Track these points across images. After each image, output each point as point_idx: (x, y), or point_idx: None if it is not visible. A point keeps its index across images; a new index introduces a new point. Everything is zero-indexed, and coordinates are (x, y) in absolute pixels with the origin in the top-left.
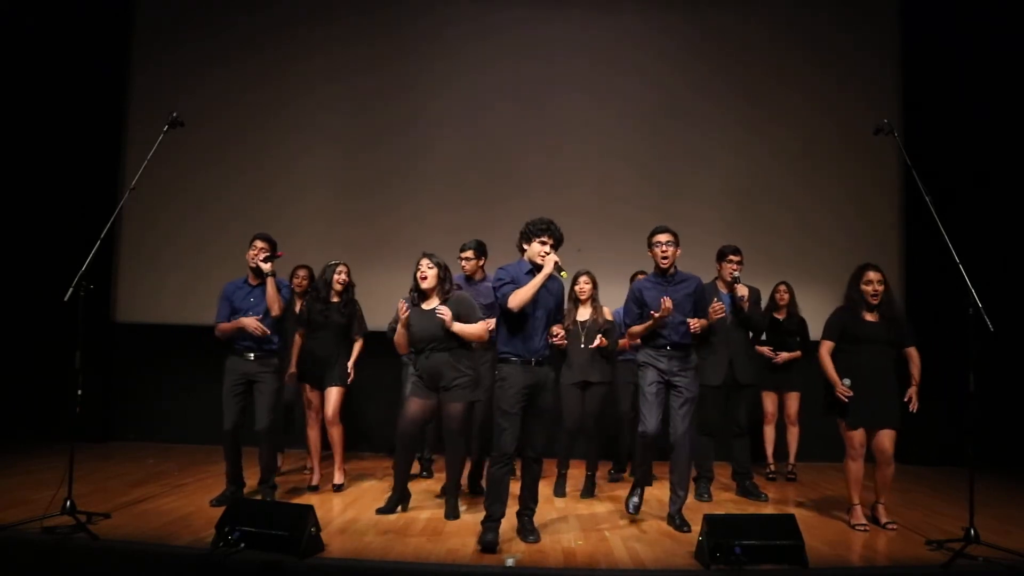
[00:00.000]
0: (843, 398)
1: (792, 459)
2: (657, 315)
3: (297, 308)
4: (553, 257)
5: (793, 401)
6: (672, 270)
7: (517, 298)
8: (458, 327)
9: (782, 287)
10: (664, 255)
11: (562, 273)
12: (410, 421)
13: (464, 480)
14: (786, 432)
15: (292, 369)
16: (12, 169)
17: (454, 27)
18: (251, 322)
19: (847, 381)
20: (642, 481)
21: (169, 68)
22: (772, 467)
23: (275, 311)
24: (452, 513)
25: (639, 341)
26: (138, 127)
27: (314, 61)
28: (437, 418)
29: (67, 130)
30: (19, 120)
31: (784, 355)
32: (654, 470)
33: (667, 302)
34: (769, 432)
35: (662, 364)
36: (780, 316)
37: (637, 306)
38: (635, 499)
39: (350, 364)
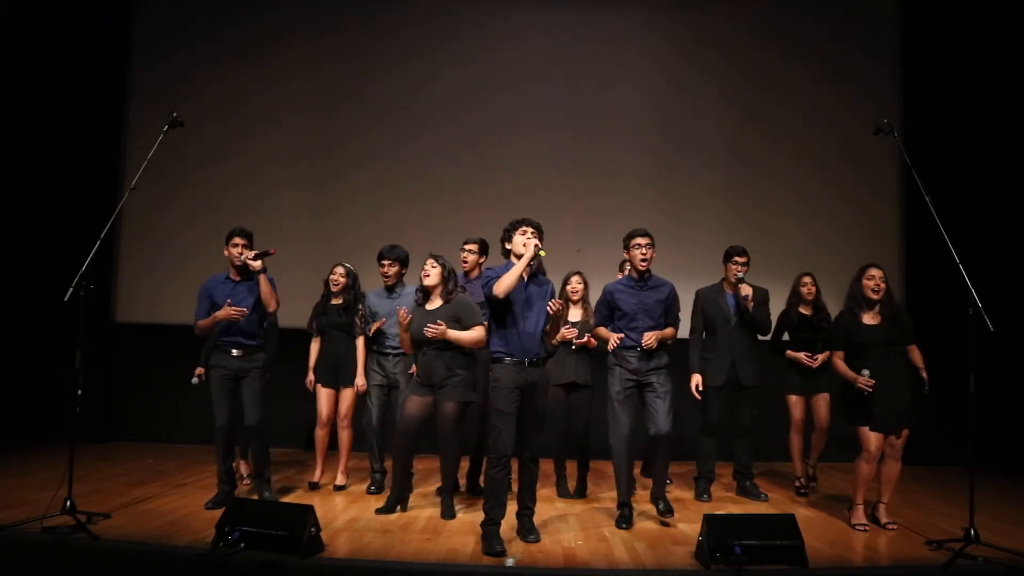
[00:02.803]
0: (867, 388)
1: (812, 463)
2: (610, 344)
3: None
4: (533, 241)
5: (823, 404)
6: (648, 274)
7: (501, 284)
8: (452, 335)
9: (807, 279)
10: (644, 257)
11: (541, 252)
12: (409, 418)
13: (463, 480)
14: (812, 435)
15: (310, 376)
16: (12, 169)
17: (454, 38)
18: (224, 311)
19: (866, 372)
20: (626, 499)
21: (170, 69)
22: (802, 480)
23: (272, 307)
24: (448, 512)
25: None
26: (138, 127)
27: (315, 66)
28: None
29: (67, 130)
30: (20, 120)
31: (820, 358)
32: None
33: (614, 341)
34: (796, 440)
35: (632, 364)
36: (807, 312)
37: (607, 308)
38: (625, 513)
39: (359, 368)
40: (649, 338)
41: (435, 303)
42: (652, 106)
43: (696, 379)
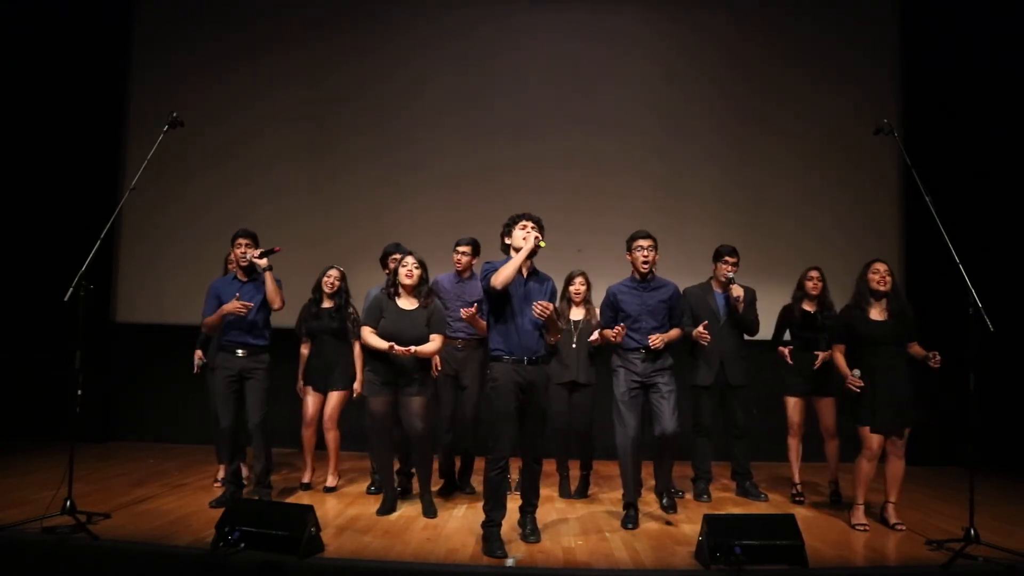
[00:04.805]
0: (854, 389)
1: (834, 475)
2: (613, 337)
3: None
4: (534, 233)
5: (827, 409)
6: (650, 275)
7: (499, 276)
8: (425, 350)
9: (814, 273)
10: (645, 260)
11: (541, 244)
12: (380, 418)
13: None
14: (824, 446)
15: (300, 381)
16: (12, 169)
17: (455, 37)
18: (231, 304)
19: (857, 372)
20: (632, 500)
21: (171, 69)
22: (799, 487)
23: (277, 304)
24: (429, 511)
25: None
26: (138, 127)
27: (315, 66)
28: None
29: (67, 130)
30: (20, 120)
31: (822, 357)
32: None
33: (618, 332)
34: (794, 445)
35: (636, 367)
36: (811, 308)
37: (611, 311)
38: (631, 513)
39: (359, 372)
40: (656, 340)
41: (411, 303)
42: (653, 105)
43: (698, 329)
